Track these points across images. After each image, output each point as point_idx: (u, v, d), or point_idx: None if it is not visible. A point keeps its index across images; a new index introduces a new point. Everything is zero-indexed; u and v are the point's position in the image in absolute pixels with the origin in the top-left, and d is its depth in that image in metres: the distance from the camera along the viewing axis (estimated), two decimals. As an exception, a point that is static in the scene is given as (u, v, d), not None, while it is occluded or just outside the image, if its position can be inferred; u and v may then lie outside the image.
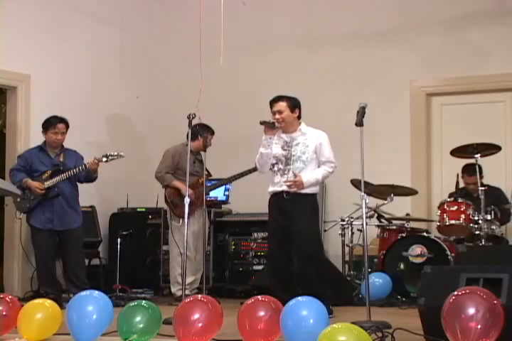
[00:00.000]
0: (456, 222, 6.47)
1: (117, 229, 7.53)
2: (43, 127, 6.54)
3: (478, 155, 6.51)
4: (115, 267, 7.12)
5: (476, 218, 6.40)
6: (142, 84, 8.50)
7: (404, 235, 6.79)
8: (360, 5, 7.93)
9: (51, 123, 6.50)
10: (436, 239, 6.57)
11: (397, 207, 7.07)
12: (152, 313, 3.96)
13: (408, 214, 7.19)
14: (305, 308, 3.73)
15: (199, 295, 4.15)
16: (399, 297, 6.46)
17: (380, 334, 3.90)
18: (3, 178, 6.76)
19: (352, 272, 6.98)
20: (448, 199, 6.66)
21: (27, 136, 7.23)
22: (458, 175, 6.84)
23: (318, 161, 5.69)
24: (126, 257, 7.31)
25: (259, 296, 3.97)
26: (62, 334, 4.21)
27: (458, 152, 6.73)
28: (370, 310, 4.71)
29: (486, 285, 3.74)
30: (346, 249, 7.05)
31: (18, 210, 6.49)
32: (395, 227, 6.95)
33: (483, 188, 6.41)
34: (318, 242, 5.85)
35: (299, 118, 5.75)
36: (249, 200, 7.46)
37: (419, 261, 6.55)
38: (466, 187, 7.01)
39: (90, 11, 8.01)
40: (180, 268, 6.50)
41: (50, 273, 6.51)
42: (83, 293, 4.11)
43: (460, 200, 6.53)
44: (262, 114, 5.88)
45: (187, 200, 5.45)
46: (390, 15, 7.84)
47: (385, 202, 6.89)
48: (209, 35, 6.68)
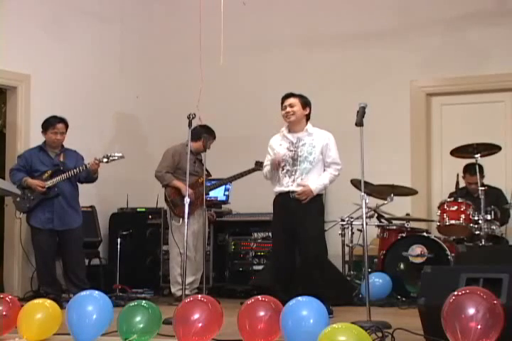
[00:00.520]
0: (456, 222, 6.46)
1: (117, 229, 7.54)
2: (42, 127, 6.54)
3: (478, 155, 6.51)
4: (115, 267, 7.13)
5: (476, 218, 6.39)
6: (142, 84, 8.50)
7: (404, 235, 6.78)
8: (360, 5, 7.93)
9: (50, 123, 6.50)
10: (436, 239, 6.56)
11: (397, 207, 7.07)
12: (152, 313, 3.95)
13: (408, 214, 7.19)
14: (305, 308, 3.72)
15: (199, 295, 4.14)
16: (399, 297, 6.46)
17: (380, 334, 3.90)
18: (3, 178, 6.76)
19: (352, 272, 6.98)
20: (448, 199, 6.65)
21: (27, 136, 7.23)
22: (458, 175, 6.83)
23: (324, 162, 5.67)
24: (126, 257, 7.31)
25: (259, 296, 3.96)
26: (62, 334, 4.20)
27: (458, 152, 6.73)
28: (370, 310, 4.71)
29: (486, 285, 3.74)
30: (346, 249, 7.05)
31: (18, 210, 6.49)
32: (395, 227, 6.95)
33: (483, 188, 6.41)
34: (324, 243, 5.83)
35: (308, 117, 5.74)
36: (249, 200, 7.46)
37: (419, 261, 6.55)
38: (467, 186, 7.01)
39: (90, 11, 8.01)
40: (180, 268, 6.48)
41: (50, 273, 6.51)
42: (83, 293, 4.11)
43: (460, 200, 6.53)
44: (262, 113, 5.87)
45: (187, 200, 5.45)
46: (390, 15, 7.84)
47: (385, 202, 6.89)
48: (209, 35, 6.69)
